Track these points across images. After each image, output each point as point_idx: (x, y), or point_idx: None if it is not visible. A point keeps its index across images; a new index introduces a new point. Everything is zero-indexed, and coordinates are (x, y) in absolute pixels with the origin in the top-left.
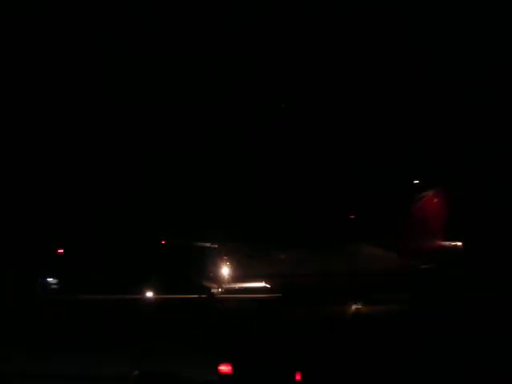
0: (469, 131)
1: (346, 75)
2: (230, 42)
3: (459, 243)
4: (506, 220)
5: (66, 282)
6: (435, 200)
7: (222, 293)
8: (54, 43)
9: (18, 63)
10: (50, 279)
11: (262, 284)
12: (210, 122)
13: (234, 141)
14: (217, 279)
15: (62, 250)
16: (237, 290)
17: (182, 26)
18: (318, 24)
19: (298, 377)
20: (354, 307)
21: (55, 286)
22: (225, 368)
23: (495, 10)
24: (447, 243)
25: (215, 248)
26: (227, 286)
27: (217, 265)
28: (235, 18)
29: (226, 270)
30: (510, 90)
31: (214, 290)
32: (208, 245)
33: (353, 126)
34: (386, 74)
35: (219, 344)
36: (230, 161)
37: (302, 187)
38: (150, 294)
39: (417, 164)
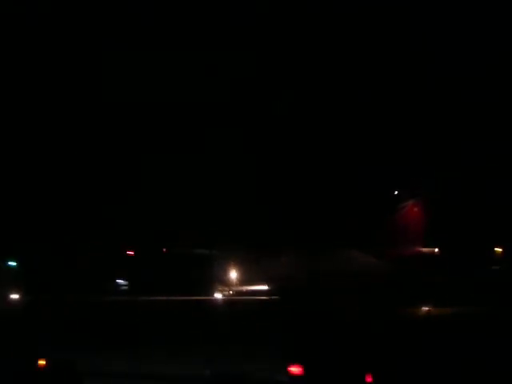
0: (456, 133)
1: (346, 75)
2: (230, 42)
3: (436, 249)
4: (481, 228)
5: (136, 283)
6: (415, 209)
7: (232, 295)
8: (54, 43)
9: (18, 63)
10: (120, 280)
11: (264, 287)
12: (209, 122)
13: (234, 141)
14: (227, 282)
15: (133, 252)
16: (244, 292)
17: (182, 25)
18: (318, 24)
19: (368, 378)
20: (424, 309)
21: (125, 288)
22: (295, 369)
23: (495, 10)
24: (425, 249)
25: (223, 255)
26: (236, 289)
27: (226, 269)
28: (235, 17)
29: (233, 274)
30: (510, 90)
31: (225, 293)
32: (217, 252)
33: (350, 128)
34: (386, 73)
35: (287, 344)
36: (230, 161)
37: (301, 188)
38: (219, 296)
39: (398, 175)
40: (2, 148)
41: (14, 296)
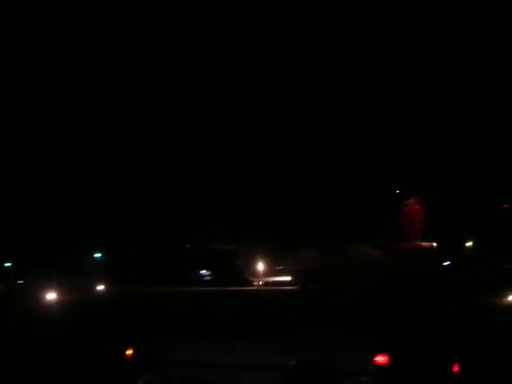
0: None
1: (346, 75)
2: (230, 41)
3: (434, 244)
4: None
5: (218, 274)
6: (416, 206)
7: (261, 285)
8: (54, 43)
9: (18, 63)
10: (203, 271)
11: (289, 278)
12: (210, 122)
13: (234, 141)
14: (256, 274)
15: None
16: (272, 282)
17: (182, 26)
18: (318, 24)
19: (455, 368)
20: (510, 298)
21: (208, 278)
22: (381, 359)
23: (495, 10)
24: (424, 243)
25: (248, 249)
26: (265, 280)
27: (255, 262)
28: (235, 17)
29: (261, 267)
30: (510, 90)
31: (255, 283)
32: (242, 247)
33: (352, 128)
34: (386, 73)
35: (370, 332)
36: (230, 161)
37: (302, 189)
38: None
39: (398, 175)
40: (2, 148)
41: (100, 287)
